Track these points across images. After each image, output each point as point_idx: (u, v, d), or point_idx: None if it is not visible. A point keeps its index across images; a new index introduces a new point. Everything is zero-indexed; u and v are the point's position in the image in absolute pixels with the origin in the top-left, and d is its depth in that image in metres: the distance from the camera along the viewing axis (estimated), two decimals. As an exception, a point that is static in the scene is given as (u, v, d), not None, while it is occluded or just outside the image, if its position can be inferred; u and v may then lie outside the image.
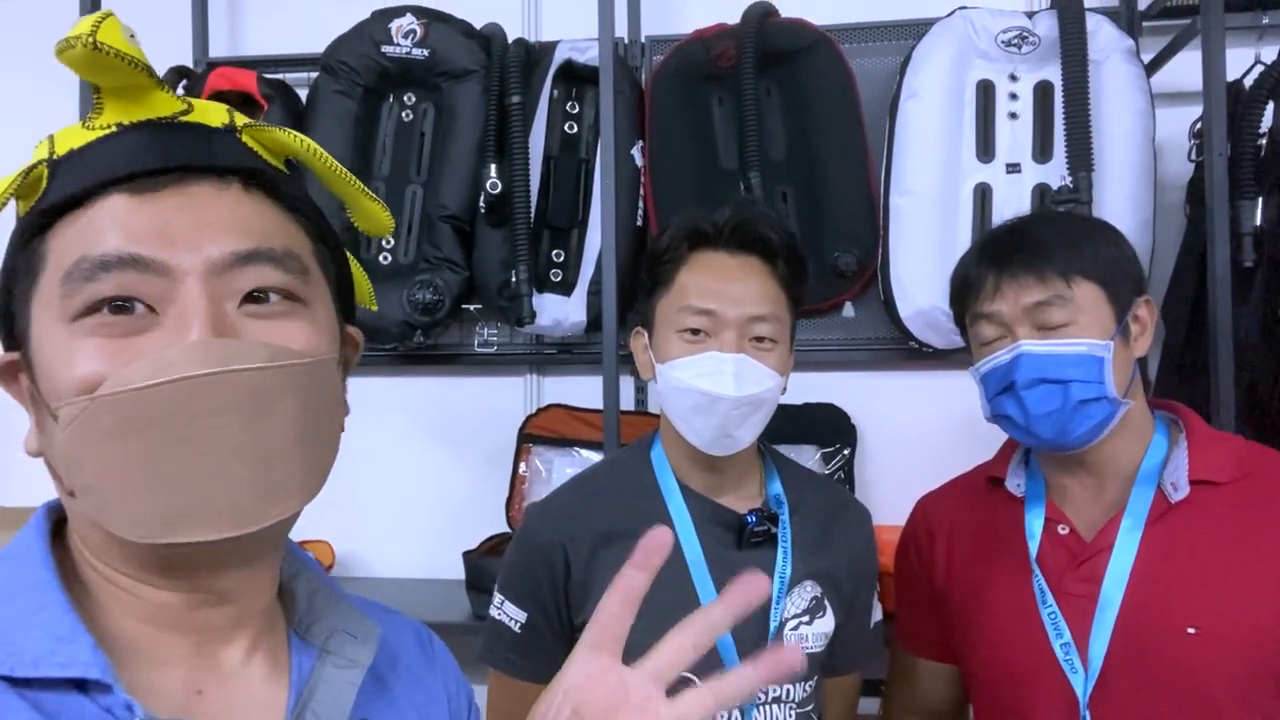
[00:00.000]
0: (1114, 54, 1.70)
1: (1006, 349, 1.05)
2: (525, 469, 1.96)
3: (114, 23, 0.50)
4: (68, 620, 0.50)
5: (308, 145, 0.59)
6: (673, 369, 1.07)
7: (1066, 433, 1.04)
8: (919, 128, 1.73)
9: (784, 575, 1.09)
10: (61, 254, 0.51)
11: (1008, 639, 1.09)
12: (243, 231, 0.53)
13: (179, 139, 0.53)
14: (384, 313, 1.82)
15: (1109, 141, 1.67)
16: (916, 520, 1.26)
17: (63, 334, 0.50)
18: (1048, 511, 1.11)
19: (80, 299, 0.49)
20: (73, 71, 0.52)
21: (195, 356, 0.48)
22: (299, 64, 2.04)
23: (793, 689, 1.09)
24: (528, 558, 1.12)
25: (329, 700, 0.59)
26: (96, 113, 0.53)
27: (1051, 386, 1.02)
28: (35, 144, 0.55)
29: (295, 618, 0.62)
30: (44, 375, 0.51)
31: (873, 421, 1.93)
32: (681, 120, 1.85)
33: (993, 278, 1.07)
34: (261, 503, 0.50)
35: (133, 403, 0.47)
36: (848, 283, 1.82)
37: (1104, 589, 1.03)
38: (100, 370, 0.49)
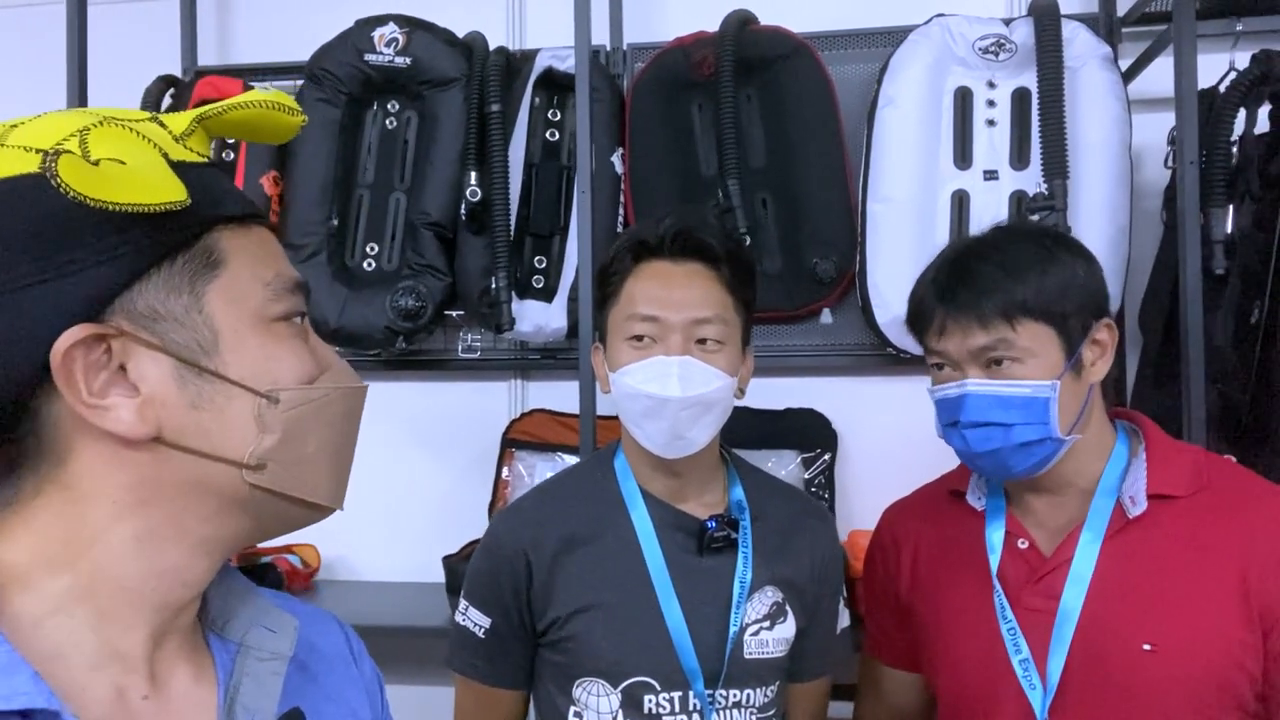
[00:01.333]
0: (1091, 60, 1.71)
1: (954, 384, 1.05)
2: (508, 473, 1.97)
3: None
4: (3, 651, 0.50)
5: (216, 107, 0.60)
6: (623, 375, 1.09)
7: (1008, 469, 1.04)
8: (896, 135, 1.74)
9: (744, 580, 1.10)
10: (249, 262, 0.58)
11: (968, 653, 1.09)
12: None
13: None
14: (367, 319, 1.84)
15: (1085, 148, 1.68)
16: (883, 530, 1.26)
17: (269, 330, 0.58)
18: (1008, 525, 1.10)
19: (282, 306, 0.58)
20: (236, 127, 0.60)
21: (353, 370, 0.63)
22: (285, 72, 2.06)
23: (753, 694, 1.10)
24: (492, 564, 1.13)
25: (256, 693, 0.60)
26: (188, 134, 0.58)
27: (994, 428, 1.02)
28: (90, 125, 0.53)
29: (209, 617, 0.63)
30: (249, 360, 0.56)
31: (853, 427, 1.93)
32: (662, 127, 1.86)
33: (939, 317, 1.06)
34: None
35: (350, 397, 0.61)
36: (826, 289, 1.83)
37: (1062, 604, 1.02)
38: (312, 366, 0.59)
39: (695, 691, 1.06)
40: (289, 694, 0.62)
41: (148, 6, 2.12)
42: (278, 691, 0.61)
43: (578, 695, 1.08)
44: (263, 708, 0.59)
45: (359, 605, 1.91)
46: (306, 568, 2.00)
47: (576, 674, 1.08)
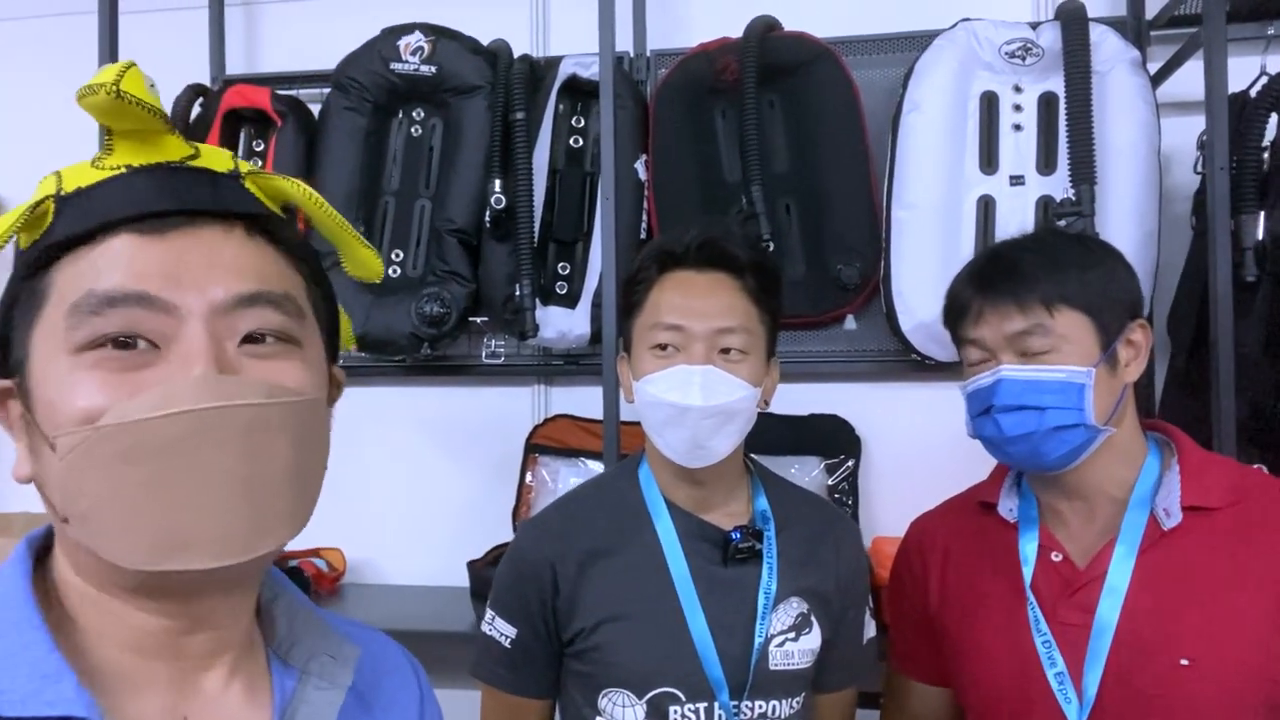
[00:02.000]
0: (1119, 65, 1.69)
1: (988, 372, 1.06)
2: (532, 479, 1.98)
3: (137, 73, 0.52)
4: (52, 659, 0.51)
5: (306, 192, 0.61)
6: (645, 384, 1.09)
7: (1039, 455, 1.04)
8: (921, 140, 1.73)
9: (769, 591, 1.10)
10: (67, 287, 0.52)
11: (1001, 667, 1.08)
12: (246, 274, 0.55)
13: (187, 183, 0.56)
14: (391, 325, 1.85)
15: (1113, 153, 1.66)
16: (910, 542, 1.25)
17: (65, 365, 0.51)
18: (1041, 538, 1.09)
19: (85, 331, 0.51)
20: (91, 116, 0.53)
21: (199, 391, 0.50)
22: (312, 80, 2.08)
23: (779, 705, 1.09)
24: (517, 575, 1.14)
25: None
26: (106, 153, 0.55)
27: (1028, 412, 1.02)
28: (41, 179, 0.57)
29: (275, 640, 0.64)
30: (42, 404, 0.52)
31: (877, 433, 1.93)
32: (685, 134, 1.86)
33: (976, 304, 1.07)
34: (253, 535, 0.52)
35: (135, 433, 0.49)
36: (850, 295, 1.82)
37: (1098, 618, 1.02)
38: (101, 403, 0.50)
39: (720, 702, 1.06)
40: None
41: (177, 16, 2.15)
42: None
43: (603, 705, 1.08)
44: None
45: (384, 609, 1.92)
46: (333, 571, 2.02)
47: (602, 684, 1.08)
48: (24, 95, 2.21)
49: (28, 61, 2.25)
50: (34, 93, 2.20)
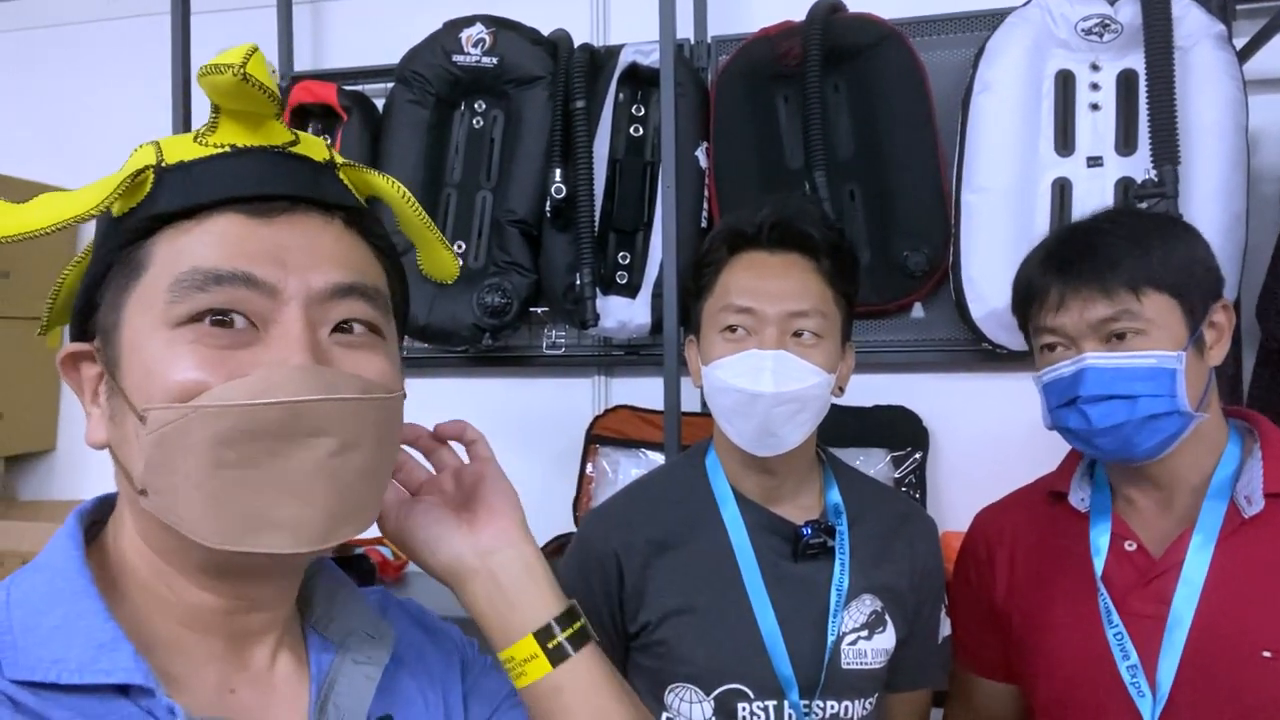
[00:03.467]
0: (1203, 40, 1.61)
1: (1070, 360, 1.01)
2: (592, 469, 1.98)
3: (260, 57, 0.53)
4: (108, 628, 0.52)
5: (397, 188, 0.63)
6: (715, 369, 1.06)
7: (1132, 446, 0.99)
8: (993, 121, 1.68)
9: (841, 589, 1.07)
10: (170, 261, 0.53)
11: (1071, 660, 1.04)
12: (344, 265, 0.56)
13: (291, 169, 0.56)
14: (454, 316, 1.87)
15: (1197, 131, 1.58)
16: (975, 535, 1.22)
17: (163, 337, 0.52)
18: (1114, 527, 1.06)
19: (186, 306, 0.52)
20: (207, 94, 0.54)
21: (299, 381, 0.51)
22: (377, 75, 2.11)
23: (851, 705, 1.07)
24: (582, 566, 1.13)
25: (349, 694, 0.61)
26: (210, 130, 0.56)
27: (1118, 401, 0.98)
28: (135, 148, 0.57)
29: (314, 615, 0.65)
30: (134, 374, 0.52)
31: (946, 425, 1.88)
32: (746, 120, 1.83)
33: (1056, 290, 1.01)
34: (330, 525, 0.53)
35: (234, 417, 0.50)
36: (918, 283, 1.77)
37: (1173, 608, 0.98)
38: (199, 378, 0.51)
39: (790, 701, 1.04)
40: (378, 698, 0.63)
41: (247, 15, 2.19)
42: (370, 696, 0.62)
43: (670, 701, 1.07)
44: (354, 710, 0.61)
45: (446, 597, 1.92)
46: (397, 559, 2.05)
47: (668, 679, 1.06)
48: (102, 94, 2.28)
49: (105, 62, 2.32)
50: (112, 93, 2.27)
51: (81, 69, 2.36)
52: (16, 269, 2.15)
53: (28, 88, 2.39)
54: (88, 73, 2.34)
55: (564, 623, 0.67)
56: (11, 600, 0.54)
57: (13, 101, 2.39)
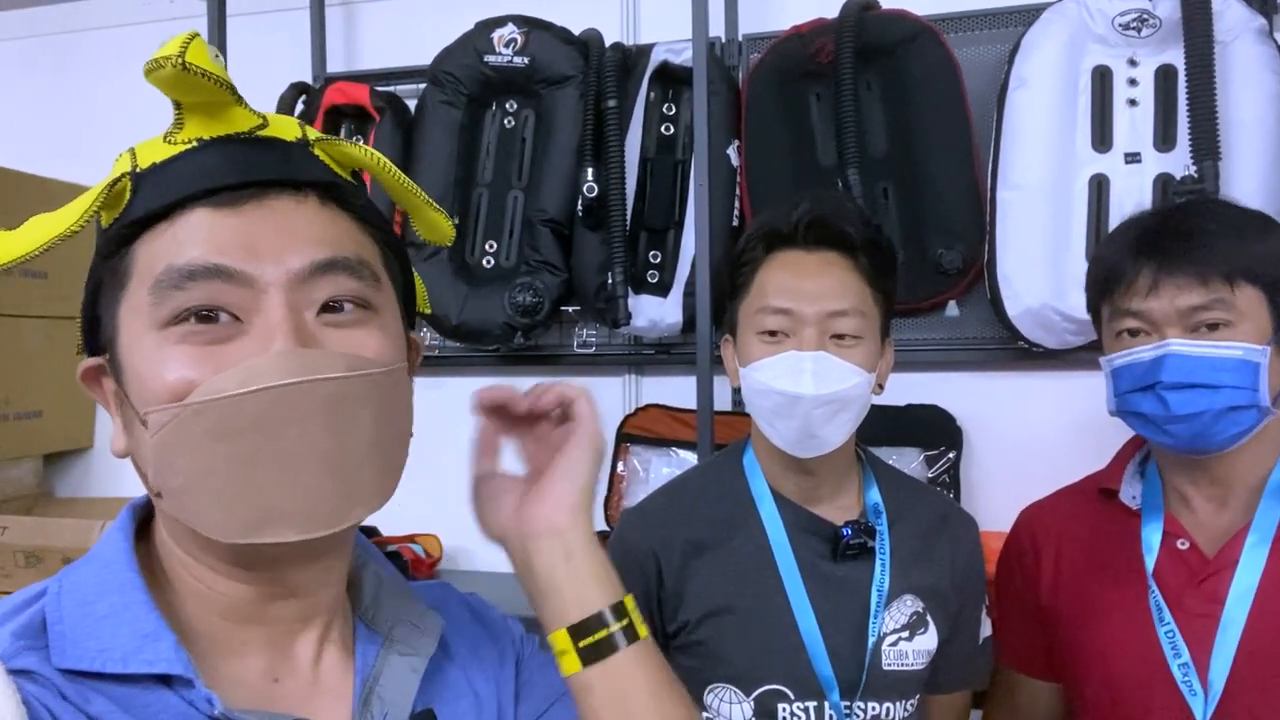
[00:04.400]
0: (1244, 34, 1.59)
1: (1150, 345, 0.99)
2: (623, 468, 1.98)
3: (200, 44, 0.52)
4: (152, 619, 0.53)
5: (375, 157, 0.61)
6: (753, 371, 1.05)
7: (1207, 437, 0.98)
8: (1029, 118, 1.66)
9: (881, 589, 1.06)
10: (148, 264, 0.53)
11: (1121, 658, 1.04)
12: (320, 242, 0.55)
13: (258, 154, 0.55)
14: (486, 315, 1.88)
15: (1238, 128, 1.56)
16: (1020, 532, 1.21)
17: (151, 341, 0.52)
18: (1166, 525, 1.05)
19: (168, 307, 0.52)
20: (159, 90, 0.54)
21: (281, 366, 0.50)
22: (409, 76, 2.12)
23: (893, 707, 1.06)
24: (620, 564, 1.09)
25: (393, 686, 0.61)
26: (177, 128, 0.55)
27: (1200, 390, 0.96)
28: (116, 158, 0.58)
29: (362, 607, 0.65)
30: (133, 380, 0.53)
31: (980, 424, 1.86)
32: (778, 118, 1.83)
33: (1149, 273, 0.99)
34: (341, 506, 0.53)
35: (222, 410, 0.50)
36: (952, 280, 1.76)
37: (1227, 608, 0.98)
38: (189, 376, 0.51)
39: (831, 703, 1.03)
40: (423, 689, 0.62)
41: (281, 18, 2.22)
42: (414, 689, 0.62)
43: (709, 701, 1.06)
44: (398, 702, 0.61)
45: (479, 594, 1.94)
46: (429, 557, 2.06)
47: (708, 679, 1.06)
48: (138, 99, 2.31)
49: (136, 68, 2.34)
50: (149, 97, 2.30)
51: (118, 73, 2.38)
52: (54, 270, 2.18)
53: (65, 91, 2.42)
54: (124, 77, 2.37)
55: (601, 621, 0.64)
56: (64, 590, 0.55)
57: (50, 105, 2.43)
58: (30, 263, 0.54)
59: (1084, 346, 1.70)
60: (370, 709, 0.60)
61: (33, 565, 1.88)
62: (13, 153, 2.22)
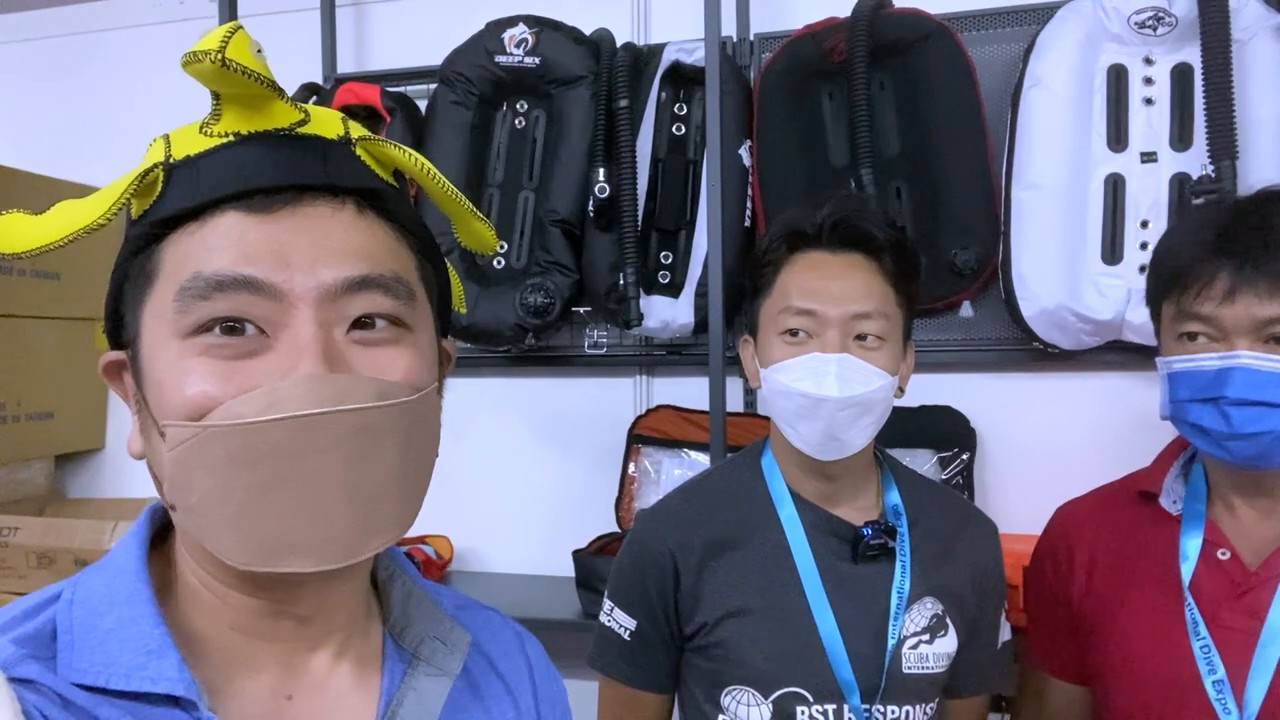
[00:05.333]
0: (1260, 32, 1.58)
1: (1217, 355, 0.94)
2: (634, 469, 1.98)
3: (242, 38, 0.50)
4: (157, 635, 0.51)
5: (421, 164, 0.58)
6: (775, 372, 1.05)
7: (1269, 457, 0.94)
8: (1044, 117, 1.65)
9: (902, 591, 1.05)
10: (176, 267, 0.51)
11: (1152, 670, 1.00)
12: (356, 256, 0.52)
13: (297, 154, 0.53)
14: (497, 316, 1.87)
15: (1255, 126, 1.55)
16: (1054, 531, 1.18)
17: (174, 349, 0.50)
18: (1206, 533, 1.01)
19: (193, 317, 0.50)
20: (197, 81, 0.52)
21: (308, 393, 0.48)
22: (420, 77, 2.11)
23: (912, 711, 1.05)
24: (638, 565, 1.12)
25: (417, 709, 0.59)
26: (214, 119, 0.53)
27: (1267, 409, 0.91)
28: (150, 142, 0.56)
29: (391, 621, 0.63)
30: (152, 387, 0.51)
31: (994, 426, 1.85)
32: (790, 118, 1.82)
33: (1226, 278, 0.93)
34: (359, 537, 0.51)
35: (243, 436, 0.48)
36: (966, 281, 1.75)
37: (1268, 623, 0.94)
38: (210, 392, 0.49)
39: (851, 706, 1.02)
40: (447, 712, 0.61)
41: (292, 18, 2.21)
42: (438, 711, 0.60)
43: (727, 704, 1.06)
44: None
45: (490, 597, 1.90)
46: (440, 559, 2.06)
47: (725, 681, 1.06)
48: (148, 100, 2.31)
49: (151, 68, 2.35)
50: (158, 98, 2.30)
51: (127, 75, 2.39)
52: (66, 270, 2.18)
53: (74, 93, 2.42)
54: (133, 78, 2.37)
55: None
56: (75, 599, 0.54)
57: (59, 107, 2.43)
58: (43, 262, 0.53)
59: (1100, 348, 1.70)
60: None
61: (45, 566, 1.88)
62: (23, 154, 2.22)
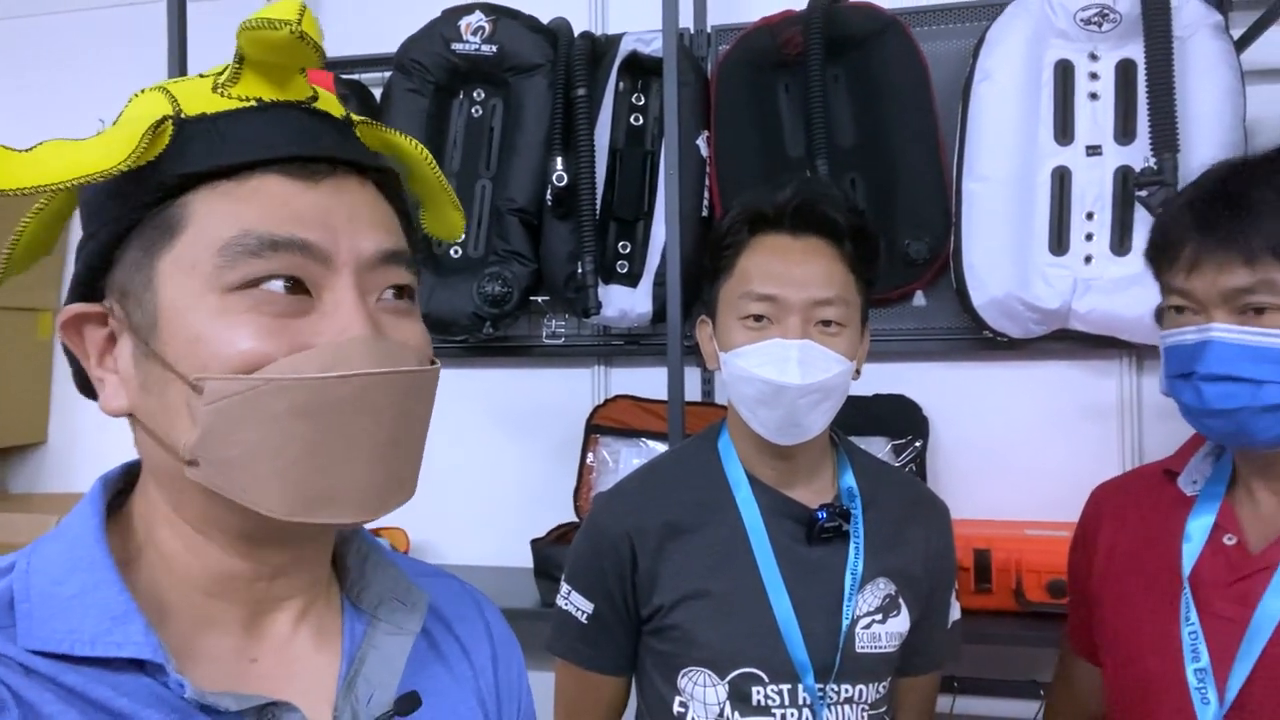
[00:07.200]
0: (1201, 29, 1.63)
1: (1194, 328, 0.90)
2: (593, 459, 1.98)
3: (312, 14, 0.52)
4: (122, 600, 0.51)
5: (418, 148, 0.61)
6: (736, 357, 1.05)
7: (1247, 434, 0.89)
8: (993, 111, 1.69)
9: (855, 572, 1.07)
10: (214, 222, 0.51)
11: (1143, 653, 0.98)
12: (383, 229, 0.55)
13: (323, 128, 0.55)
14: (454, 305, 1.86)
15: (1195, 121, 1.60)
16: (1087, 510, 1.15)
17: (212, 304, 0.50)
18: (1219, 517, 0.97)
19: (240, 272, 0.50)
20: (245, 46, 0.51)
21: (367, 353, 0.51)
22: (374, 64, 2.09)
23: (865, 689, 1.07)
24: (595, 549, 1.12)
25: (380, 667, 0.60)
26: (232, 81, 0.53)
27: (1239, 384, 0.87)
28: (135, 93, 0.55)
29: (348, 584, 0.64)
30: (177, 340, 0.50)
31: (945, 413, 1.88)
32: (747, 109, 1.83)
33: (1191, 248, 0.89)
34: (386, 494, 0.53)
35: (306, 390, 0.49)
36: (919, 271, 1.78)
37: (1258, 612, 0.89)
38: (262, 349, 0.50)
39: (805, 685, 1.04)
40: (410, 671, 0.62)
41: (243, 3, 2.16)
42: (400, 668, 0.61)
43: (683, 685, 1.07)
44: (384, 683, 0.60)
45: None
46: (396, 551, 2.04)
47: (682, 663, 1.06)
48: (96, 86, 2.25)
49: (99, 52, 2.29)
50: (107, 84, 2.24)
51: (77, 57, 2.33)
52: (7, 260, 2.12)
53: (17, 79, 2.35)
54: (80, 64, 2.31)
55: None
56: (31, 568, 0.53)
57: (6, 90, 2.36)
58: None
59: (1047, 337, 1.74)
60: (355, 690, 0.59)
61: (-14, 562, 1.82)
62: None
